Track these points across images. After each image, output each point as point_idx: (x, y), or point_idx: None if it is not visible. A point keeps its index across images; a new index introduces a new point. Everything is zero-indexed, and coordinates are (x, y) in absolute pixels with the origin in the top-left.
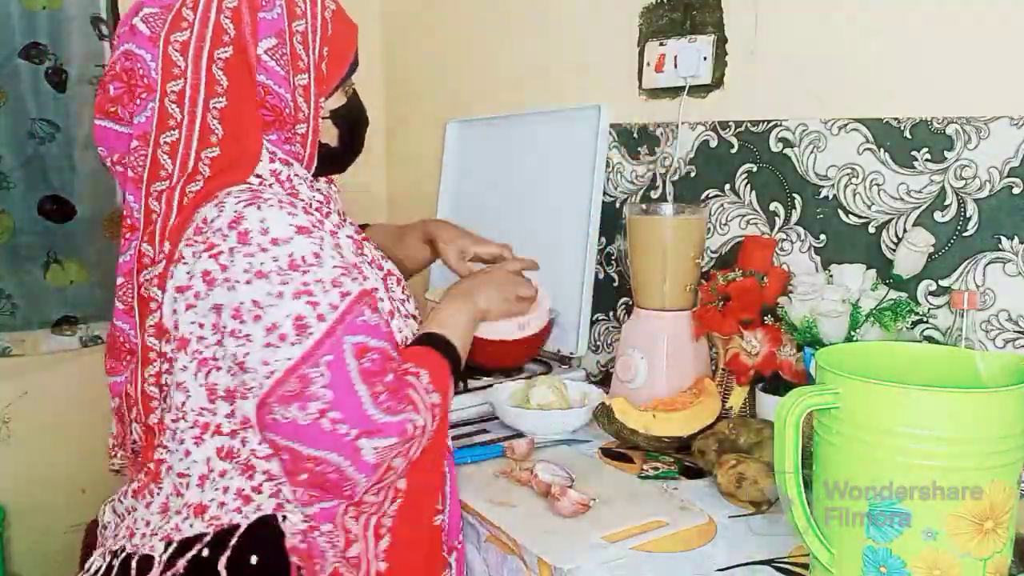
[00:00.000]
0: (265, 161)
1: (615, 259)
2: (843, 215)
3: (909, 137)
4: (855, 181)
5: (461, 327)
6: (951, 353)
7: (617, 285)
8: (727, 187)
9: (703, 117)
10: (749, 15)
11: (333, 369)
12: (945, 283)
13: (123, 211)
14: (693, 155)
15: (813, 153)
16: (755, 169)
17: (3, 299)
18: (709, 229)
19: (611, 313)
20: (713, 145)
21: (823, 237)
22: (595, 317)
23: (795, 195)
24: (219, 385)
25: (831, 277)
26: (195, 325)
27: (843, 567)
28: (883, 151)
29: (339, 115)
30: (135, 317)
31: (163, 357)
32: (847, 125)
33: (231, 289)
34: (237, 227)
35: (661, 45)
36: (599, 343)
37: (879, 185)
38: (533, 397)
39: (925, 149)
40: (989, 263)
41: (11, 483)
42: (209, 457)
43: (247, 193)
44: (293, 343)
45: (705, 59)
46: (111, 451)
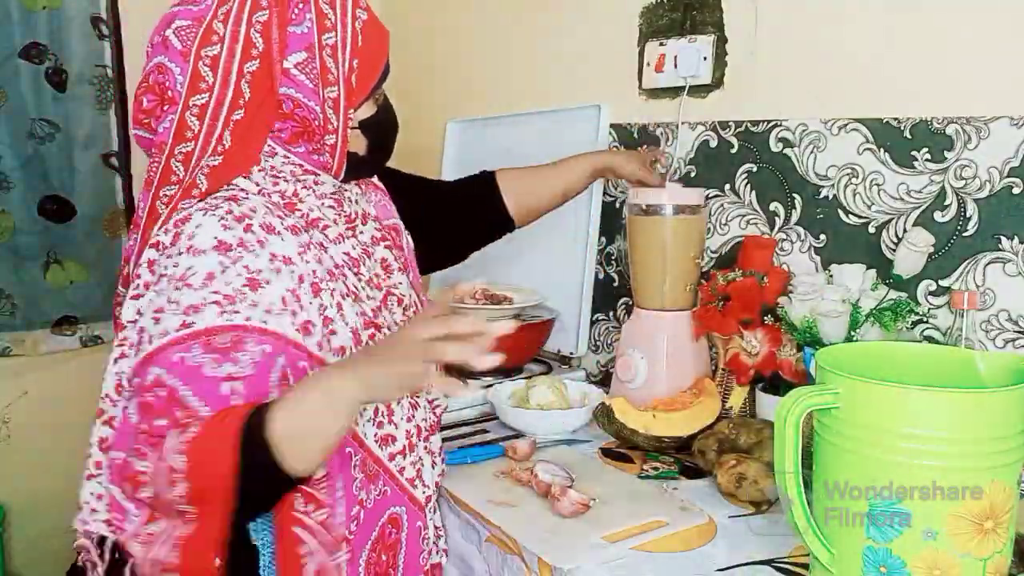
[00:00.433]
0: (278, 163)
1: (615, 259)
2: (843, 215)
3: (909, 137)
4: (855, 181)
5: (303, 411)
6: (951, 353)
7: (617, 285)
8: (727, 187)
9: (703, 117)
10: (749, 15)
11: (137, 393)
12: (945, 283)
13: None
14: (693, 155)
15: (813, 153)
16: (755, 169)
17: (3, 299)
18: (709, 229)
19: (611, 313)
20: (713, 145)
21: (823, 237)
22: (595, 317)
23: (795, 195)
24: (124, 375)
25: (831, 277)
26: (131, 311)
27: (843, 567)
28: (883, 151)
29: (367, 125)
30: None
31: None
32: (847, 125)
33: (147, 286)
34: (178, 228)
35: (661, 45)
36: (599, 343)
37: (879, 185)
38: (533, 397)
39: (925, 149)
40: (989, 263)
41: (11, 483)
42: (92, 443)
43: (217, 198)
44: (139, 351)
45: (705, 59)
46: None
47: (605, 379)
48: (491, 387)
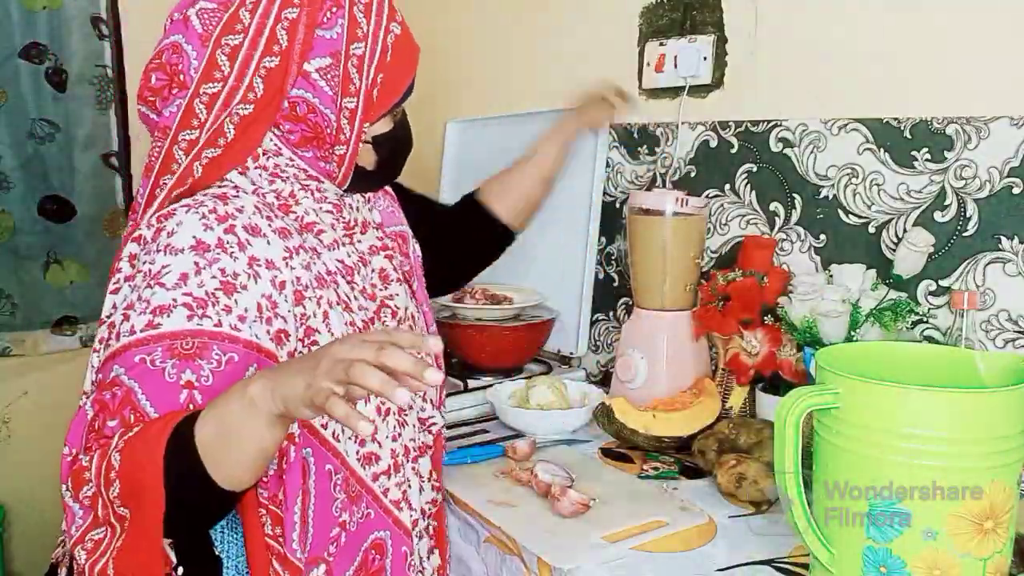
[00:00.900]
0: (282, 163)
1: (615, 259)
2: (843, 215)
3: (909, 137)
4: (855, 181)
5: (224, 418)
6: (951, 353)
7: (617, 285)
8: (727, 187)
9: (703, 117)
10: (749, 15)
11: (96, 390)
12: (945, 283)
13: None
14: (693, 155)
15: (813, 153)
16: (755, 169)
17: (3, 299)
18: (709, 229)
19: (611, 313)
20: (713, 145)
21: (823, 237)
22: (595, 317)
23: (795, 195)
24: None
25: (831, 277)
26: (108, 306)
27: (843, 567)
28: (883, 151)
29: (380, 141)
30: None
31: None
32: (847, 125)
33: (126, 279)
34: (161, 224)
35: (661, 45)
36: (599, 343)
37: (879, 185)
38: (533, 397)
39: (925, 149)
40: (989, 263)
41: (11, 483)
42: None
43: (206, 195)
44: (107, 346)
45: (705, 59)
46: None
47: (605, 379)
48: (491, 387)
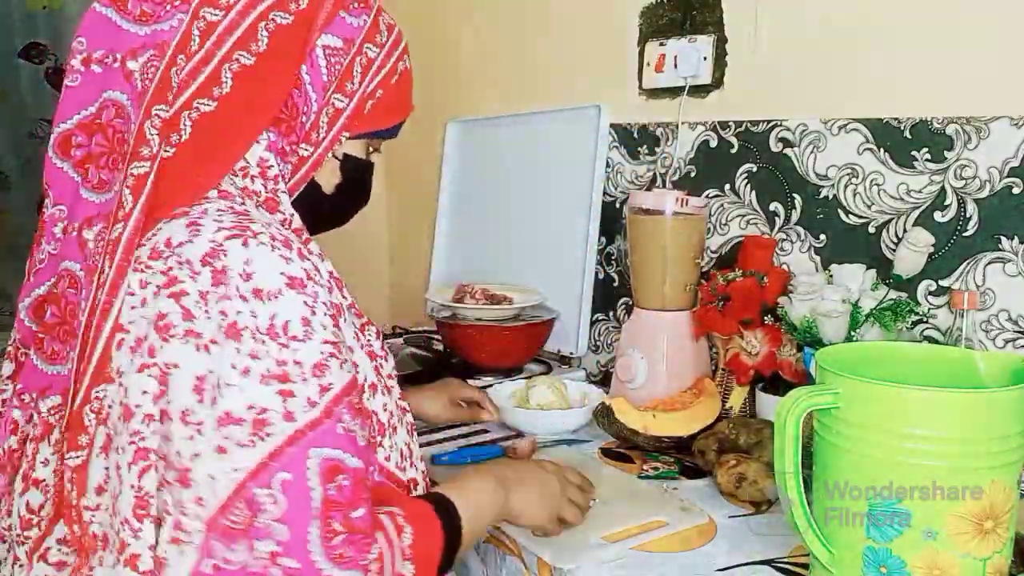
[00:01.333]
0: (259, 152)
1: (615, 259)
2: (843, 215)
3: (909, 137)
4: (855, 181)
5: (482, 513)
6: (951, 353)
7: (617, 285)
8: (727, 187)
9: (703, 117)
10: (749, 15)
11: (290, 495)
12: (945, 283)
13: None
14: (693, 155)
15: (813, 153)
16: (755, 169)
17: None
18: (709, 229)
19: (611, 313)
20: (713, 145)
21: (823, 237)
22: (595, 317)
23: (795, 195)
24: (153, 501)
25: (831, 277)
26: (137, 392)
27: (843, 567)
28: (883, 151)
29: (349, 163)
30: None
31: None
32: (847, 125)
33: (198, 349)
34: (213, 263)
35: (661, 45)
36: (599, 343)
37: (879, 185)
38: (533, 397)
39: (925, 149)
40: (989, 263)
41: None
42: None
43: (230, 216)
44: (244, 445)
45: (705, 59)
46: None
47: (605, 379)
48: (491, 387)
